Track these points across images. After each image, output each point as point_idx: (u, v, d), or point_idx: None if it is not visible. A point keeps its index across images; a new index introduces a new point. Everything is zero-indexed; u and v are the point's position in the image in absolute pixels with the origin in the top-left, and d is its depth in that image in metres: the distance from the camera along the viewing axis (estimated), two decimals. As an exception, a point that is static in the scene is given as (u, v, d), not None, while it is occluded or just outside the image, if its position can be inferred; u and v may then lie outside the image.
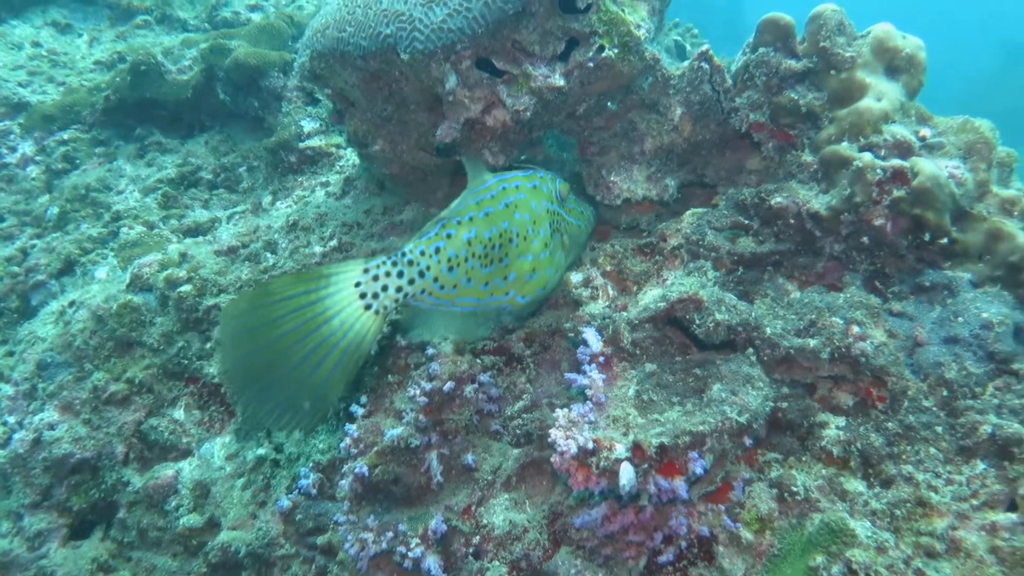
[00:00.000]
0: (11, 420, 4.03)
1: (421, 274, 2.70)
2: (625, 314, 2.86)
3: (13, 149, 6.41)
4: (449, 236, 2.75)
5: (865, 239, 2.76)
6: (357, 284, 2.58)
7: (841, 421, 2.55)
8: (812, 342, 2.53)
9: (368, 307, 2.59)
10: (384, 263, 2.64)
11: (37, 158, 6.37)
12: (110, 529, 3.87)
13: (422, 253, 2.71)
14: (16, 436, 3.93)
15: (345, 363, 2.52)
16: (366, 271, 2.60)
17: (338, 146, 5.49)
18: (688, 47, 5.75)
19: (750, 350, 2.61)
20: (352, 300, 2.55)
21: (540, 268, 3.04)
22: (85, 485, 3.87)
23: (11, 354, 4.85)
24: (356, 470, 3.08)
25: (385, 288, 2.62)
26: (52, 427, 3.89)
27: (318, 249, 4.01)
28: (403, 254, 2.69)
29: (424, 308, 2.83)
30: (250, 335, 2.45)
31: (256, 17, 8.65)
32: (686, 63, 3.26)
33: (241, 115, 6.34)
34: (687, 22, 6.48)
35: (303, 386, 2.48)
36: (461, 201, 2.84)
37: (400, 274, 2.66)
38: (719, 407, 2.42)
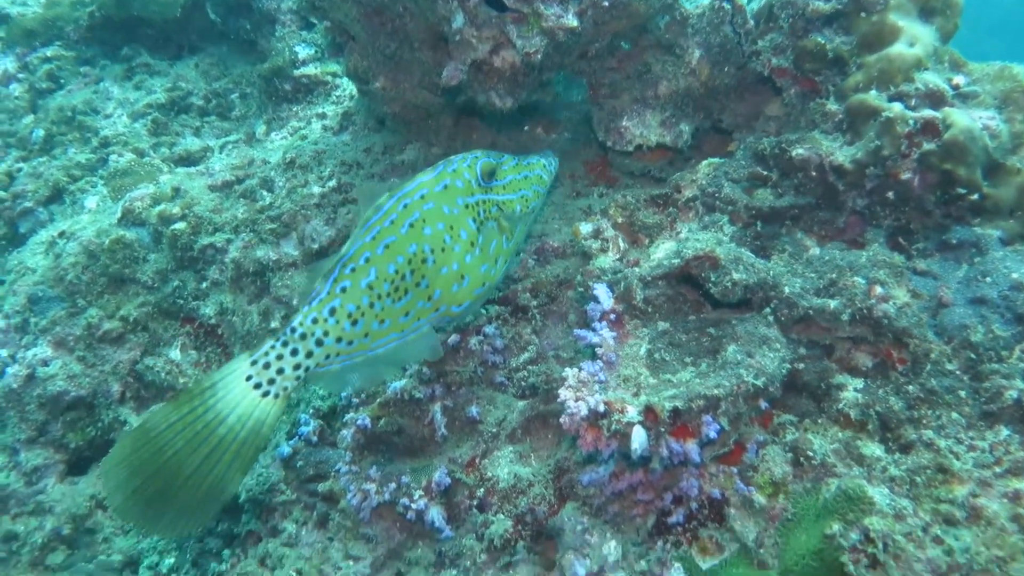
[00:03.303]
0: (3, 353, 3.97)
1: (319, 343, 2.46)
2: (637, 270, 2.78)
3: (-7, 66, 6.20)
4: (344, 290, 2.49)
5: (890, 194, 2.67)
6: (248, 378, 2.39)
7: (859, 383, 2.50)
8: (833, 303, 2.46)
9: (266, 394, 2.41)
10: (273, 347, 2.42)
11: (20, 75, 6.16)
12: (107, 467, 3.85)
13: (314, 321, 2.46)
14: (9, 370, 3.88)
15: (244, 454, 2.37)
16: (254, 363, 2.40)
17: (334, 75, 5.31)
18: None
19: (767, 310, 2.55)
20: (246, 394, 2.38)
21: (471, 270, 2.75)
22: (81, 422, 3.84)
23: (0, 283, 4.77)
24: (359, 421, 3.05)
25: (281, 371, 2.42)
26: (46, 363, 3.83)
27: (316, 189, 3.90)
28: (293, 329, 2.45)
29: (337, 368, 2.59)
30: (135, 473, 2.32)
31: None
32: (705, 2, 3.11)
33: (232, 37, 6.12)
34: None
35: (198, 491, 2.35)
36: (353, 241, 2.55)
37: (295, 351, 2.44)
38: (735, 369, 2.37)
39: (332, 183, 3.92)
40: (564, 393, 2.42)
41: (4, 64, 6.14)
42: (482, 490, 2.85)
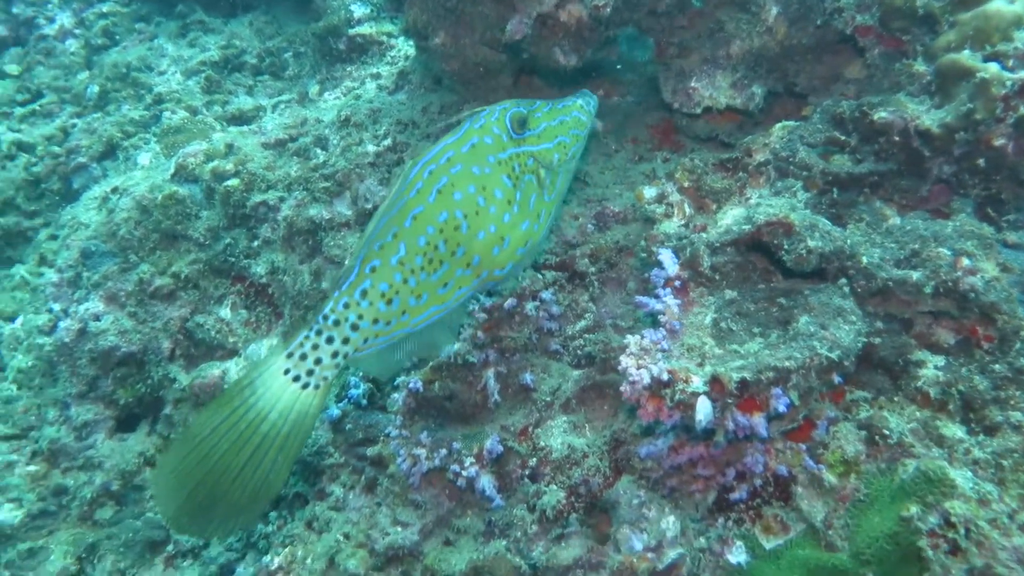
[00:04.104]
0: (56, 307, 4.01)
1: (355, 327, 2.41)
2: (705, 235, 2.68)
3: (51, 20, 6.26)
4: (374, 269, 2.42)
5: (981, 161, 2.54)
6: (286, 371, 2.36)
7: (940, 360, 2.39)
8: (915, 275, 2.35)
9: (306, 386, 2.37)
10: (308, 337, 2.38)
11: (76, 31, 6.20)
12: (156, 424, 3.89)
13: (346, 306, 2.40)
14: (62, 324, 3.91)
15: (288, 448, 2.35)
16: (290, 355, 2.36)
17: (389, 35, 5.25)
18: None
19: (843, 280, 2.43)
20: (285, 388, 2.35)
21: (511, 230, 2.64)
22: (131, 379, 3.87)
23: (54, 238, 4.82)
24: (410, 385, 3.00)
25: (319, 361, 2.38)
26: (97, 318, 3.86)
27: (371, 148, 3.85)
28: (325, 316, 2.39)
29: (379, 350, 2.53)
30: (183, 483, 2.31)
31: None
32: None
33: (288, -6, 6.10)
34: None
35: (246, 491, 2.33)
36: (379, 217, 2.46)
37: (330, 339, 2.39)
38: (807, 341, 2.27)
39: (387, 142, 3.87)
40: (625, 360, 2.35)
41: (61, 19, 6.19)
42: (535, 460, 2.80)
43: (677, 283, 2.63)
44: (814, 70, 3.16)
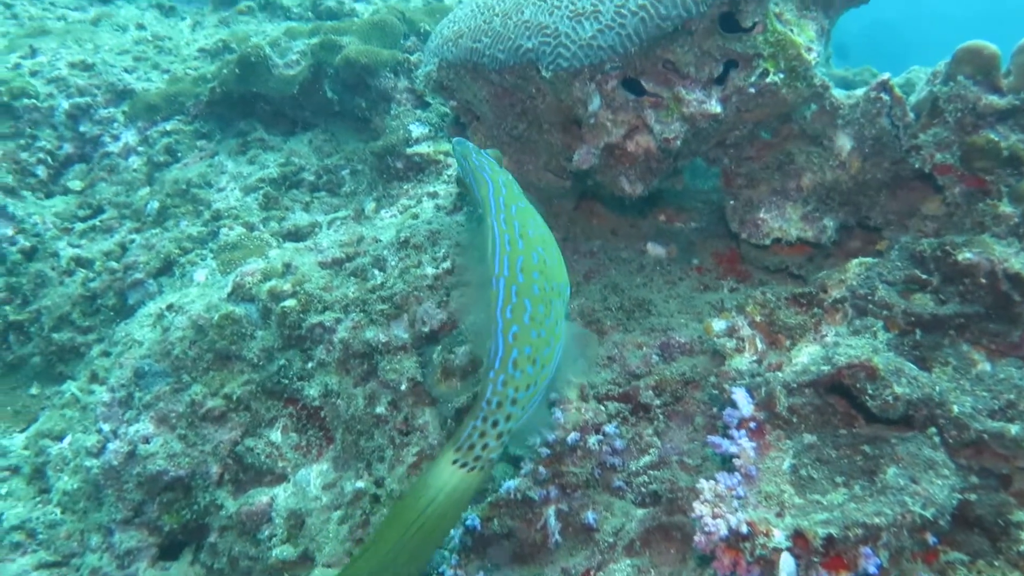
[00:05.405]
0: (106, 428, 4.01)
1: (514, 402, 2.38)
2: (780, 374, 2.62)
3: (116, 138, 6.50)
4: (515, 336, 2.38)
5: (1075, 308, 2.46)
6: (455, 461, 2.37)
7: (1043, 522, 2.26)
8: (1014, 428, 2.25)
9: (472, 469, 2.38)
10: (475, 429, 2.37)
11: (139, 148, 6.43)
12: (200, 552, 3.81)
13: (504, 383, 2.36)
14: (111, 446, 3.91)
15: (453, 517, 2.42)
16: (459, 449, 2.37)
17: (447, 154, 5.36)
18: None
19: (932, 429, 2.34)
20: (454, 476, 2.37)
21: (549, 244, 2.61)
22: (177, 504, 3.82)
23: (107, 354, 4.87)
24: (467, 521, 2.93)
25: (486, 446, 2.37)
26: (147, 440, 3.85)
27: (430, 271, 3.87)
28: (488, 402, 2.36)
29: (528, 416, 2.50)
30: None
31: (361, 7, 8.65)
32: (859, 92, 2.99)
33: (346, 114, 6.29)
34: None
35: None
36: (496, 281, 2.42)
37: (495, 423, 2.37)
38: (897, 496, 2.17)
39: (446, 264, 3.89)
40: (699, 507, 2.28)
41: (125, 137, 6.44)
42: (598, 608, 2.68)
43: (752, 424, 2.56)
44: (888, 205, 3.14)
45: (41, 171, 6.13)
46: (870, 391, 2.40)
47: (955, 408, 2.34)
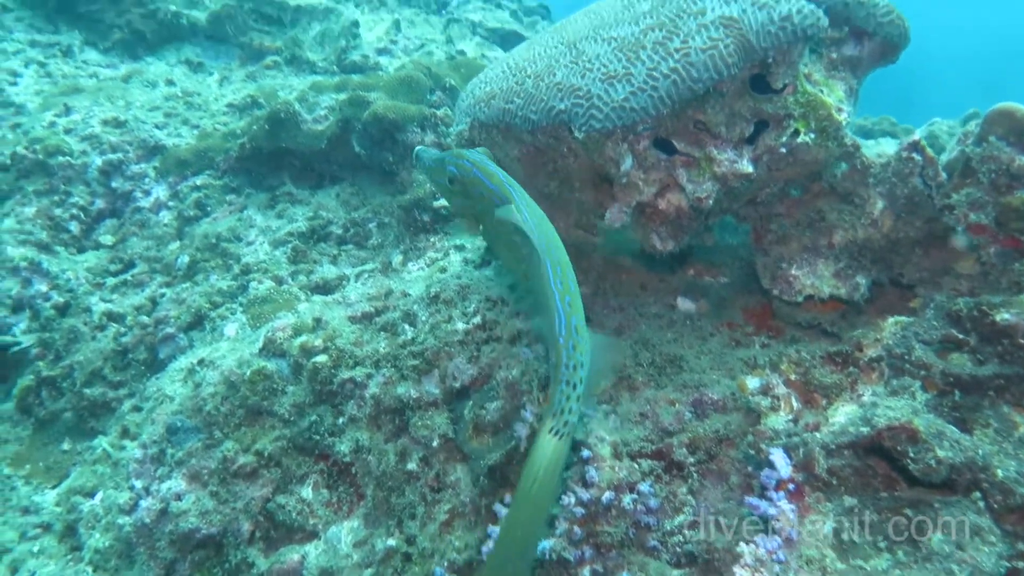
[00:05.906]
0: (138, 485, 4.02)
1: (581, 365, 2.52)
2: (819, 435, 2.61)
3: (147, 193, 6.61)
4: (570, 304, 2.53)
5: (1116, 370, 2.44)
6: (551, 430, 2.50)
7: (1091, 590, 2.22)
8: (1059, 494, 2.22)
9: (561, 436, 2.49)
10: (562, 393, 2.49)
11: (170, 203, 6.54)
12: (230, 612, 3.79)
13: (574, 347, 2.51)
14: (143, 504, 3.91)
15: (558, 488, 2.66)
16: (554, 415, 2.50)
17: (474, 207, 5.40)
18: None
19: (977, 494, 2.32)
20: (550, 445, 2.50)
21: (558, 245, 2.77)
22: (209, 562, 3.81)
23: (138, 409, 4.91)
24: (504, 583, 2.90)
25: (571, 410, 2.49)
26: (179, 497, 3.85)
27: (461, 326, 3.88)
28: (566, 367, 2.50)
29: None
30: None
31: (384, 61, 8.81)
32: (891, 151, 3.01)
33: (373, 167, 6.37)
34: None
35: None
36: (543, 254, 2.58)
37: (574, 386, 2.50)
38: (944, 564, 2.15)
39: (476, 319, 3.90)
40: (741, 573, 2.26)
41: (156, 192, 6.55)
42: (636, 675, 2.64)
43: (791, 486, 2.54)
44: (922, 262, 3.14)
45: (74, 227, 6.23)
46: (912, 454, 2.38)
47: (999, 472, 2.32)
